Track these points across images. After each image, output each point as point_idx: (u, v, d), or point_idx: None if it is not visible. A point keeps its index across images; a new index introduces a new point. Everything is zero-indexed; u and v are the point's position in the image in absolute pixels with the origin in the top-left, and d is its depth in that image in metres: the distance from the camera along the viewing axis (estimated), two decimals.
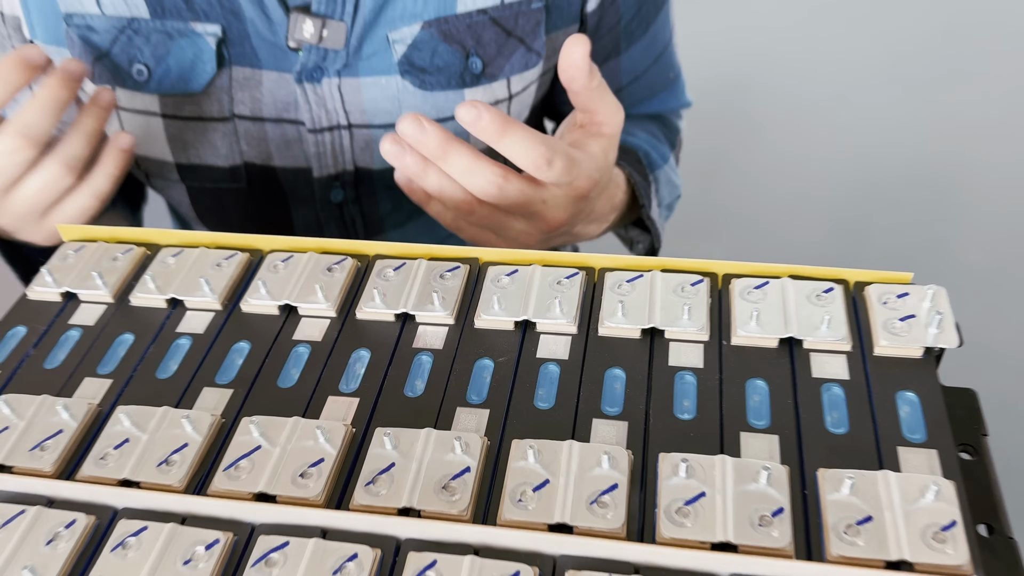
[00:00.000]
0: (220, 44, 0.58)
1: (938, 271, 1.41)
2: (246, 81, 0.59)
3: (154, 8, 0.57)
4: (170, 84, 0.59)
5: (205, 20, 0.57)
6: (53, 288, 0.43)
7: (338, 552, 0.31)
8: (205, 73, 0.59)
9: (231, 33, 0.58)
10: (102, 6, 0.58)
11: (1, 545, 0.32)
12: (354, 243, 0.43)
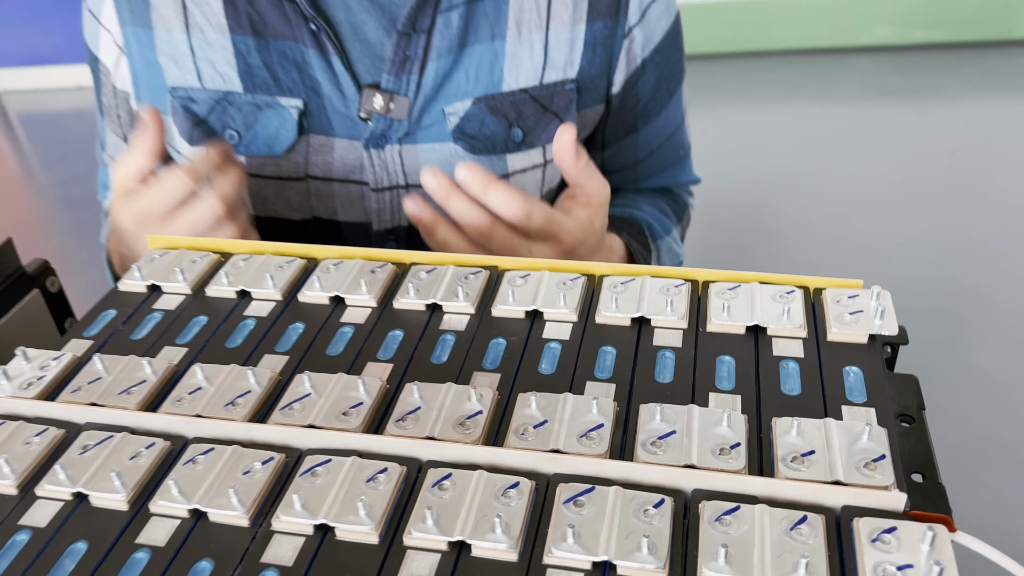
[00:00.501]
0: (301, 115, 0.68)
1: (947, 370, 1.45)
2: (320, 147, 0.70)
3: (246, 83, 0.68)
4: (256, 148, 0.69)
5: (289, 95, 0.68)
6: (140, 281, 0.52)
7: (371, 467, 0.38)
8: (287, 140, 0.69)
9: (311, 106, 0.68)
10: (203, 80, 0.69)
11: (93, 459, 0.39)
12: (395, 252, 0.52)
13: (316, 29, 0.66)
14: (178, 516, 0.37)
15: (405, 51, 0.67)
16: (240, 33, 0.68)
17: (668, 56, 0.76)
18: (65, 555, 0.36)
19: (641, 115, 0.77)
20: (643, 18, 0.72)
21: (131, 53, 0.71)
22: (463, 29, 0.67)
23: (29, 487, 0.39)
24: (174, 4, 0.68)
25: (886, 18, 2.82)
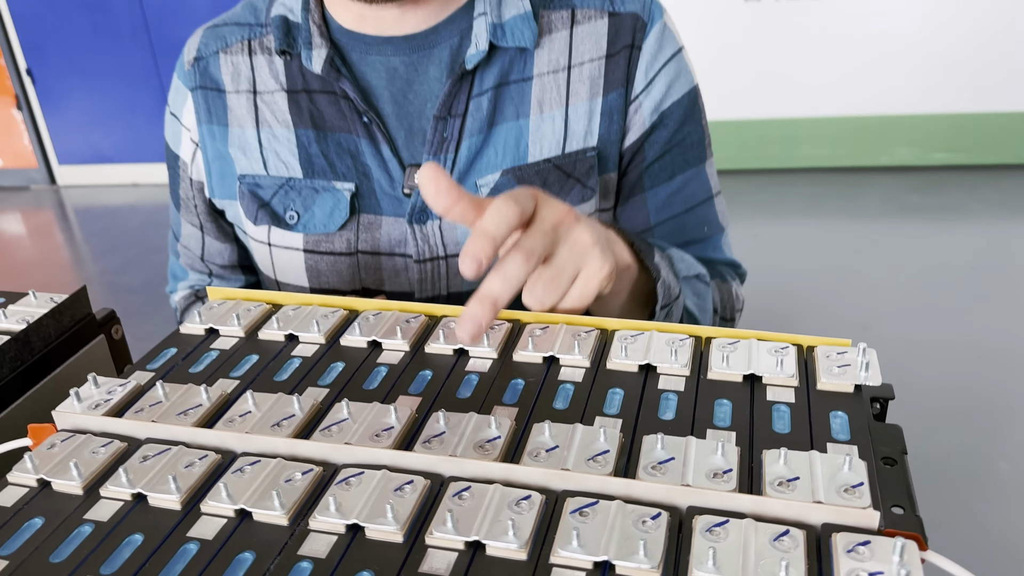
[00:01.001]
0: (353, 197, 0.76)
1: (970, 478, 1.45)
2: (369, 224, 0.77)
3: (306, 170, 0.77)
4: (313, 227, 0.77)
5: (343, 179, 0.76)
6: (200, 325, 0.58)
7: (399, 479, 0.42)
8: (340, 218, 0.76)
9: (362, 188, 0.76)
10: (268, 168, 0.77)
11: (152, 467, 0.44)
12: (428, 306, 0.57)
13: (368, 122, 0.75)
14: (225, 515, 0.41)
15: (442, 133, 0.74)
16: (302, 127, 0.76)
17: (681, 124, 0.80)
18: (124, 544, 0.40)
19: (647, 174, 0.80)
20: (649, 86, 0.78)
21: (205, 147, 0.80)
22: (492, 111, 0.75)
23: (93, 488, 0.44)
24: (247, 104, 0.78)
25: (905, 140, 2.93)
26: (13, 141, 3.49)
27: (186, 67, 0.80)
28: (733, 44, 2.88)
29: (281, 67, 0.76)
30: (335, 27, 0.76)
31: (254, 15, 0.78)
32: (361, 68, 0.76)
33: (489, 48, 0.73)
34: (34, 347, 0.59)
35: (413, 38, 0.75)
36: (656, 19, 0.78)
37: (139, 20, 3.20)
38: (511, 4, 0.75)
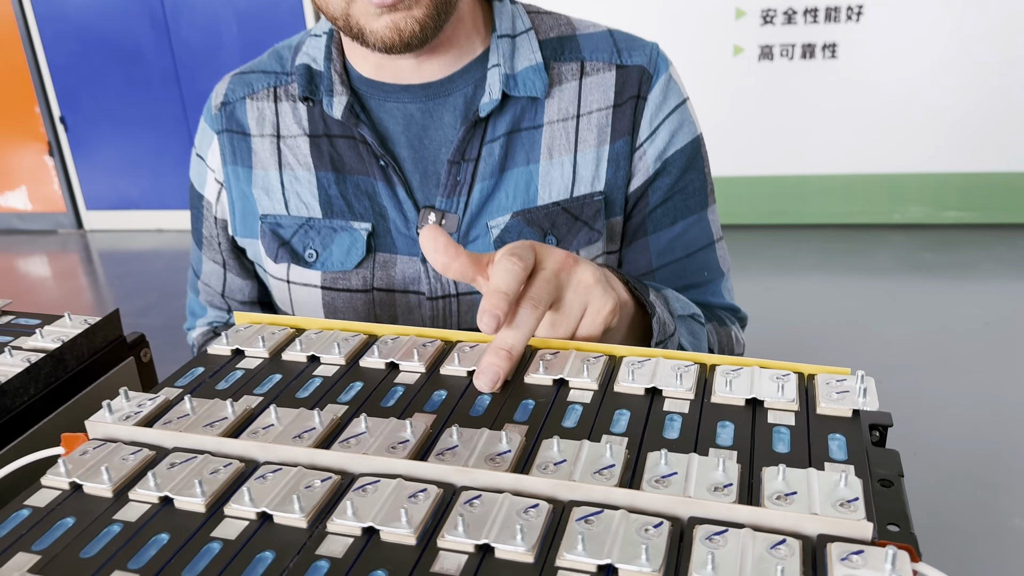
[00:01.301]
0: (369, 236, 0.79)
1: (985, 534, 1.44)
2: (385, 263, 0.80)
3: (325, 211, 0.80)
4: (331, 264, 0.80)
5: (360, 220, 0.80)
6: (226, 346, 0.61)
7: (413, 487, 0.44)
8: (357, 257, 0.79)
9: (378, 228, 0.79)
10: (289, 209, 0.81)
11: (179, 473, 0.46)
12: (444, 331, 0.60)
13: (385, 165, 0.78)
14: (247, 518, 0.43)
15: (456, 177, 0.78)
16: (323, 170, 0.80)
17: (684, 172, 0.83)
18: (150, 543, 0.42)
19: (650, 219, 0.83)
20: (653, 134, 0.81)
21: (230, 187, 0.84)
22: (503, 156, 0.79)
23: (123, 492, 0.46)
24: (271, 148, 0.82)
25: (917, 199, 2.96)
26: (43, 186, 3.59)
27: (213, 111, 0.84)
28: (747, 101, 2.95)
29: (304, 113, 0.80)
30: (355, 75, 0.80)
31: (280, 64, 0.83)
32: (379, 114, 0.80)
33: (502, 97, 0.77)
34: (67, 365, 0.62)
35: (429, 86, 0.79)
36: (661, 72, 0.81)
37: (170, 71, 3.31)
38: (523, 56, 0.79)
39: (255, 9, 3.12)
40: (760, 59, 2.89)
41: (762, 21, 2.84)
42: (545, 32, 0.81)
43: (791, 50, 2.86)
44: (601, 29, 0.83)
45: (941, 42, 2.77)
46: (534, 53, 0.79)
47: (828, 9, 2.79)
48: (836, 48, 2.83)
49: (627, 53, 0.81)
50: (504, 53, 0.78)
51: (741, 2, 2.82)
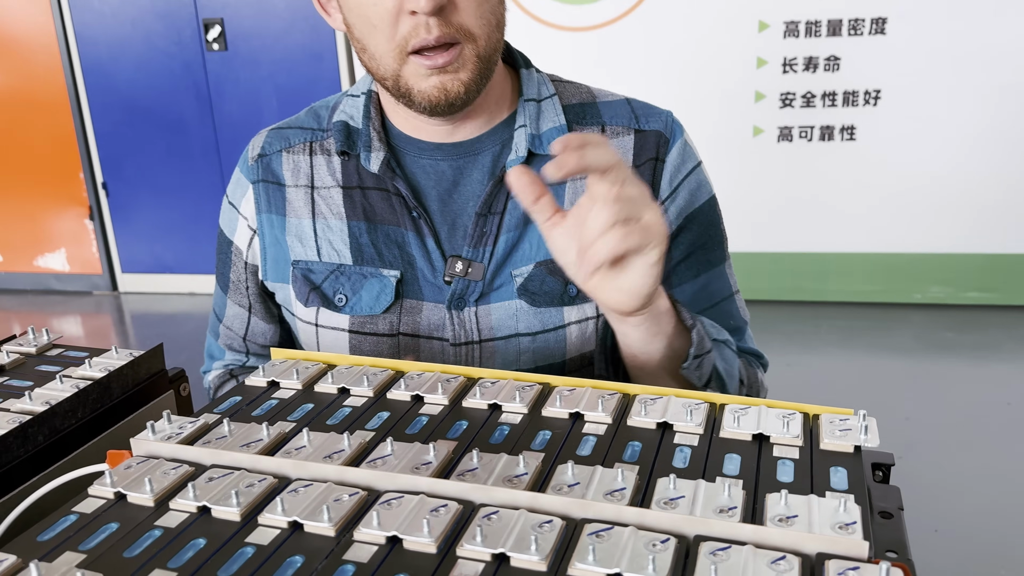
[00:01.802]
0: (398, 283, 0.84)
1: None
2: (411, 309, 0.84)
3: (356, 258, 0.85)
4: (360, 309, 0.84)
5: (390, 267, 0.84)
6: (262, 379, 0.64)
7: (435, 503, 0.47)
8: (385, 302, 0.83)
9: (406, 276, 0.84)
10: (321, 255, 0.86)
11: (216, 485, 0.50)
12: (466, 368, 0.63)
13: (416, 216, 0.83)
14: (279, 526, 0.46)
15: (482, 228, 0.82)
16: (355, 219, 0.85)
17: (704, 228, 0.87)
18: (188, 546, 0.45)
19: (673, 273, 0.87)
20: (673, 193, 0.85)
21: (263, 234, 0.88)
22: None
23: (163, 502, 0.49)
24: (305, 198, 0.87)
25: (938, 279, 2.97)
26: (82, 249, 3.71)
27: (249, 162, 0.89)
28: (768, 180, 3.01)
29: (338, 166, 0.86)
30: (393, 132, 0.86)
31: (316, 121, 0.89)
32: (413, 169, 0.85)
33: (528, 155, 0.82)
34: (113, 393, 0.65)
35: (460, 145, 0.84)
36: (677, 136, 0.87)
37: (211, 142, 3.45)
38: (548, 118, 0.84)
39: (294, 84, 3.27)
40: (779, 140, 2.96)
41: (781, 104, 2.93)
42: (568, 98, 0.87)
43: (810, 132, 2.93)
44: (619, 97, 0.89)
45: (959, 125, 2.82)
46: (558, 116, 0.84)
47: (846, 93, 2.87)
48: (855, 130, 2.90)
49: (644, 119, 0.86)
50: (530, 115, 0.84)
51: (760, 85, 2.91)
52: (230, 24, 3.28)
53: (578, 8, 2.98)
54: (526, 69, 0.87)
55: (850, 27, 2.80)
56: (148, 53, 3.37)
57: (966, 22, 2.73)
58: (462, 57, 0.75)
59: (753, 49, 2.89)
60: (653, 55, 2.96)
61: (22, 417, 0.60)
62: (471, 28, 0.74)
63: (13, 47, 3.49)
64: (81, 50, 3.42)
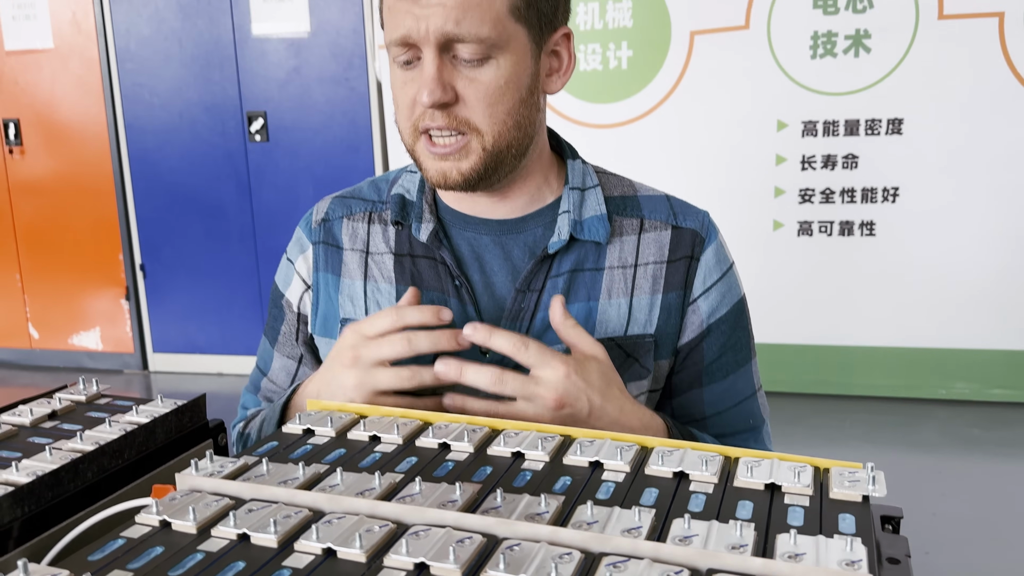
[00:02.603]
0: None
1: None
2: None
3: None
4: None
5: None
6: (298, 426, 0.68)
7: (460, 535, 0.49)
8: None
9: None
10: (368, 314, 0.90)
11: (255, 516, 0.53)
12: (491, 420, 0.66)
13: (459, 285, 0.88)
14: (314, 553, 0.49)
15: (521, 304, 0.87)
16: (403, 284, 0.90)
17: (733, 329, 0.92)
18: (228, 568, 0.48)
19: (705, 372, 0.92)
20: (706, 293, 0.90)
21: (317, 290, 0.94)
22: (566, 291, 0.88)
23: (206, 529, 0.52)
24: (359, 261, 0.92)
25: (963, 375, 2.95)
26: (116, 328, 3.80)
27: (313, 224, 0.95)
28: (789, 273, 3.04)
29: (392, 235, 0.92)
30: (442, 206, 0.92)
31: (376, 193, 0.96)
32: (458, 241, 0.90)
33: (569, 239, 0.88)
34: (157, 437, 0.69)
35: (504, 223, 0.90)
36: (713, 237, 0.92)
37: (248, 228, 3.58)
38: (590, 207, 0.90)
39: (331, 174, 3.40)
40: (800, 234, 3.02)
41: (800, 199, 3.00)
42: (610, 190, 0.93)
43: (830, 227, 2.99)
44: (660, 193, 0.95)
45: (978, 223, 2.87)
46: (600, 205, 0.90)
47: (865, 190, 2.94)
48: (874, 226, 2.95)
49: (682, 216, 0.92)
50: (574, 202, 0.89)
51: (779, 181, 2.99)
52: (272, 116, 3.45)
53: (602, 107, 3.11)
54: (572, 159, 0.93)
55: (867, 127, 2.90)
56: (193, 142, 3.54)
57: (981, 123, 2.81)
58: (467, 148, 0.82)
59: (772, 147, 2.99)
60: (674, 151, 3.06)
61: (73, 455, 0.64)
62: (477, 124, 0.82)
63: (67, 134, 3.68)
64: (129, 138, 3.60)
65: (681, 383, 0.93)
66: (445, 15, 0.77)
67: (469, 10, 0.77)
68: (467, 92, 0.80)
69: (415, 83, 0.81)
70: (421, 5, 0.77)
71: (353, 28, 3.32)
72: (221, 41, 3.44)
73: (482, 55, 0.79)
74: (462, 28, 0.77)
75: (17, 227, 3.84)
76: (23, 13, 3.60)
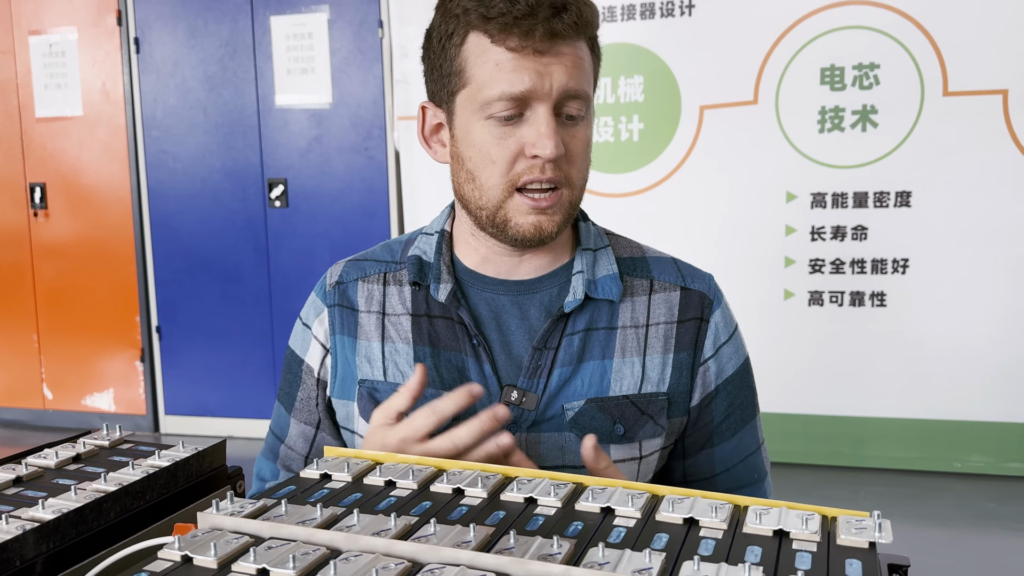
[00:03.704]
0: None
1: None
2: None
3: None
4: None
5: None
6: (316, 471, 0.69)
7: (473, 574, 0.51)
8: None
9: None
10: (387, 376, 0.92)
11: (275, 552, 0.54)
12: (504, 468, 0.68)
13: (476, 344, 0.90)
14: None
15: (537, 361, 0.89)
16: (421, 344, 0.92)
17: (739, 388, 0.95)
18: None
19: (716, 432, 0.94)
20: (716, 353, 0.93)
21: (335, 353, 0.96)
22: (581, 349, 0.90)
23: (226, 564, 0.54)
24: (376, 323, 0.95)
25: (978, 448, 2.92)
26: (129, 390, 3.82)
27: (327, 288, 0.98)
28: (800, 342, 3.05)
29: (409, 296, 0.94)
30: (460, 267, 0.94)
31: (390, 255, 0.98)
32: (476, 301, 0.93)
33: (584, 298, 0.90)
34: (178, 480, 0.71)
35: (521, 283, 0.93)
36: (720, 300, 0.95)
37: (264, 291, 3.63)
38: (603, 267, 0.93)
39: (347, 239, 3.46)
40: (810, 304, 3.03)
41: (811, 269, 3.02)
42: (620, 251, 0.96)
43: (840, 297, 3.00)
44: (666, 256, 0.98)
45: (990, 295, 2.87)
46: (611, 265, 0.93)
47: (875, 261, 2.96)
48: (885, 297, 2.96)
49: (690, 278, 0.95)
50: (587, 263, 0.92)
51: (789, 251, 3.03)
52: (293, 183, 3.54)
53: (614, 176, 3.18)
54: (584, 222, 0.96)
55: (875, 200, 2.94)
56: (213, 208, 3.63)
57: (988, 196, 2.85)
58: (560, 202, 0.86)
59: (781, 218, 3.03)
60: (684, 220, 3.11)
61: (97, 494, 0.66)
62: (573, 177, 0.86)
63: (91, 198, 3.78)
64: (152, 203, 3.69)
65: (693, 445, 0.95)
66: (567, 73, 0.82)
67: (581, 69, 0.83)
68: (570, 147, 0.85)
69: (516, 138, 0.83)
70: (543, 63, 0.81)
71: (373, 100, 3.42)
72: (245, 111, 3.56)
73: (583, 112, 0.85)
74: (579, 85, 0.83)
75: (37, 288, 3.91)
76: (55, 82, 3.75)
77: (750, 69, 3.00)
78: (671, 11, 3.05)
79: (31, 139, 3.81)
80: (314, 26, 3.44)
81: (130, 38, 3.63)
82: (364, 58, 3.41)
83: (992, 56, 2.80)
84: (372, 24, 3.39)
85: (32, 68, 3.76)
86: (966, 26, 2.80)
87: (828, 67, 2.93)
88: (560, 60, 0.82)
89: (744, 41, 2.99)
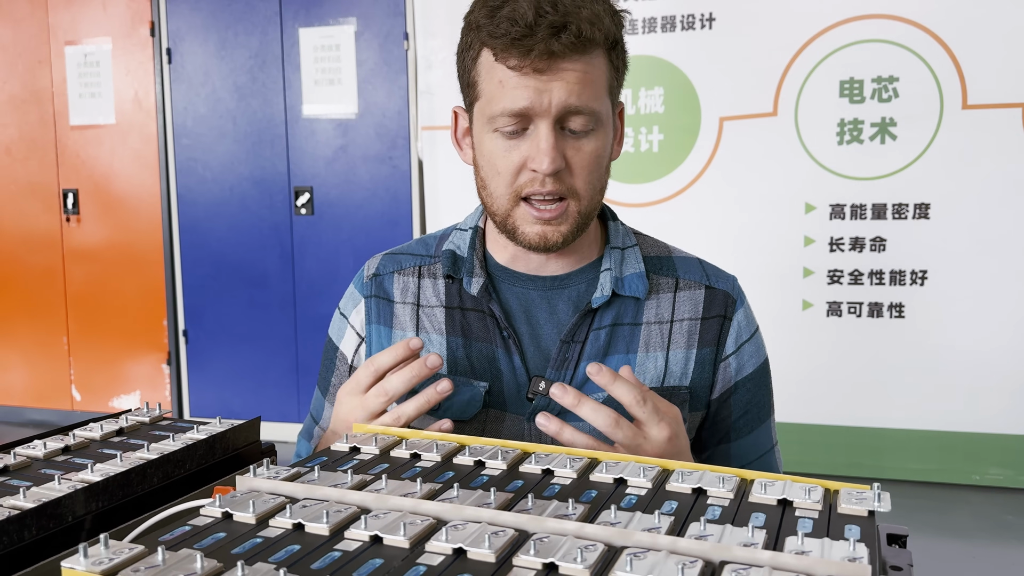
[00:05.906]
0: (486, 393, 0.93)
1: None
2: (495, 418, 0.93)
3: (451, 368, 0.95)
4: (451, 414, 0.93)
5: (480, 379, 0.94)
6: (345, 445, 0.74)
7: (493, 529, 0.54)
8: (474, 410, 0.93)
9: (493, 388, 0.94)
10: None
11: (309, 509, 0.58)
12: (523, 443, 0.72)
13: (506, 336, 0.94)
14: (362, 539, 0.54)
15: (565, 354, 0.93)
16: (453, 335, 0.96)
17: (758, 387, 0.98)
18: (285, 550, 0.53)
19: (733, 428, 0.97)
20: (737, 351, 0.96)
21: (371, 341, 1.00)
22: (607, 343, 0.94)
23: (264, 520, 0.58)
24: (411, 314, 0.99)
25: (997, 460, 2.91)
26: (156, 392, 3.89)
27: (365, 279, 1.02)
28: (818, 353, 3.06)
29: (443, 288, 0.98)
30: (492, 262, 0.99)
31: (425, 249, 1.02)
32: (507, 295, 0.97)
33: (611, 295, 0.94)
34: (216, 452, 0.75)
35: (550, 279, 0.97)
36: (742, 300, 0.99)
37: (289, 296, 3.69)
38: (630, 265, 0.97)
39: (370, 246, 3.52)
40: (829, 314, 3.04)
41: (829, 280, 3.04)
42: (647, 250, 1.00)
43: (859, 308, 3.02)
44: (692, 256, 1.02)
45: (1010, 306, 2.87)
46: (638, 263, 0.97)
47: (893, 272, 2.97)
48: (903, 308, 2.97)
49: (714, 278, 0.99)
50: (615, 260, 0.96)
51: (808, 262, 3.05)
52: (318, 192, 3.61)
53: (634, 187, 3.21)
54: (612, 221, 1.00)
55: (894, 211, 2.95)
56: (241, 215, 3.70)
57: (1007, 208, 2.86)
58: (567, 212, 0.89)
59: (800, 229, 3.05)
60: (703, 230, 3.14)
61: (141, 461, 0.70)
62: (578, 189, 0.89)
63: (122, 204, 3.87)
64: (181, 210, 3.77)
65: (711, 438, 0.98)
66: (568, 90, 0.84)
67: (586, 86, 0.85)
68: (574, 160, 0.87)
69: (519, 151, 0.87)
70: (543, 80, 0.84)
71: (398, 110, 3.49)
72: (273, 120, 3.64)
73: (590, 127, 0.87)
74: (581, 101, 0.85)
75: (68, 292, 4.00)
76: (89, 91, 3.85)
77: (770, 81, 3.03)
78: (691, 24, 3.09)
79: (65, 146, 3.92)
80: (341, 38, 3.52)
81: (162, 49, 3.72)
82: (390, 69, 3.48)
83: (1012, 70, 2.81)
84: (398, 36, 3.46)
85: (67, 77, 3.87)
86: (986, 39, 2.82)
87: (847, 80, 2.95)
88: (561, 77, 0.83)
89: (764, 54, 3.03)
